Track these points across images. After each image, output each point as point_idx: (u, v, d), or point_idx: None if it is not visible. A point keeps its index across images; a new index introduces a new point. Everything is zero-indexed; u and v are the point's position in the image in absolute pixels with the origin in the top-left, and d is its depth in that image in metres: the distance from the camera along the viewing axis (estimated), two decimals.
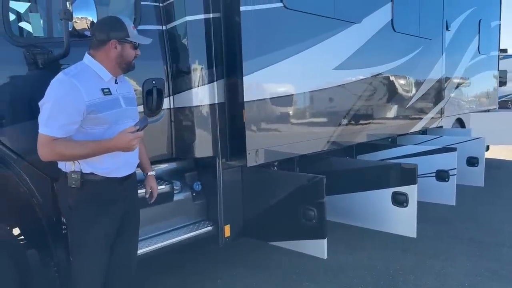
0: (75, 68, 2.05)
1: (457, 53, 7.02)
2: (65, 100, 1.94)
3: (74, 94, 1.94)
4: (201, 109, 3.08)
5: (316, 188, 3.01)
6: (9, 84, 2.35)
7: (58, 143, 1.95)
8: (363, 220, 3.71)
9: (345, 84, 3.96)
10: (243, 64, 2.95)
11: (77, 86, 1.95)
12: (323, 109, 3.86)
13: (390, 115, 4.85)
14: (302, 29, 3.46)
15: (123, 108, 2.13)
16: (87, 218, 2.08)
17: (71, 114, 1.95)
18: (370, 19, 4.22)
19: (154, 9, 3.00)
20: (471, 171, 5.21)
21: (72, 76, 1.98)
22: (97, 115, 2.01)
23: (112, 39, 2.06)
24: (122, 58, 2.10)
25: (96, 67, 2.08)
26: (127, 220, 2.27)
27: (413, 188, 3.41)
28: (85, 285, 2.16)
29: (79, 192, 2.05)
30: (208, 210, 3.30)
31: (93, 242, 2.10)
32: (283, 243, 3.28)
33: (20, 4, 2.63)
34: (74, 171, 2.03)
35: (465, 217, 4.94)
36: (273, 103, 3.30)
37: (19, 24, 2.78)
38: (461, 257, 3.85)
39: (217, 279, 3.47)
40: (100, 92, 2.04)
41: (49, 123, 1.94)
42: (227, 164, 3.22)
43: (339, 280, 3.44)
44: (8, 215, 2.54)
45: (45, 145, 1.96)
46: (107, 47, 2.07)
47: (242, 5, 2.93)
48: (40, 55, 2.39)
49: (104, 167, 2.06)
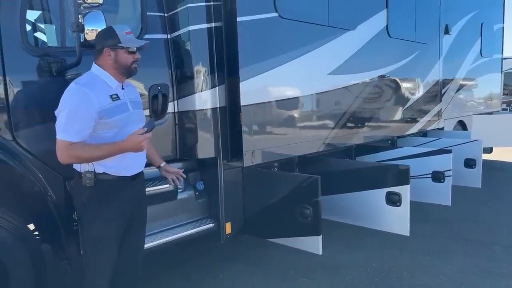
0: (85, 78, 2.25)
1: (458, 56, 7.13)
2: (79, 107, 2.13)
3: (87, 101, 2.13)
4: (204, 112, 3.27)
5: (312, 188, 3.17)
6: (26, 90, 2.57)
7: (75, 147, 2.15)
8: (359, 219, 3.87)
9: (339, 88, 4.15)
10: (240, 70, 3.17)
11: (89, 94, 2.14)
12: (317, 113, 4.04)
13: (385, 118, 5.01)
14: (296, 37, 3.67)
15: (131, 111, 2.31)
16: (100, 215, 2.25)
17: (85, 120, 2.14)
18: (365, 26, 4.39)
19: (159, 19, 3.19)
20: (469, 172, 5.33)
21: (83, 85, 2.17)
22: (107, 120, 2.19)
23: (105, 47, 2.24)
24: (118, 64, 2.26)
25: (103, 75, 2.26)
26: (135, 217, 2.43)
27: (405, 188, 3.55)
28: (96, 278, 2.32)
29: (92, 191, 2.23)
30: (210, 208, 3.48)
31: (105, 237, 2.27)
32: (281, 240, 3.45)
33: (36, 16, 2.82)
34: (88, 171, 2.21)
35: (463, 217, 5.05)
36: (269, 107, 3.50)
37: (34, 34, 2.99)
38: (456, 256, 3.98)
39: (218, 274, 3.65)
40: (109, 98, 2.22)
41: (66, 129, 2.13)
42: (228, 164, 3.40)
43: (335, 276, 3.59)
44: (24, 212, 2.75)
45: (64, 150, 2.15)
46: (104, 56, 2.25)
47: (239, 15, 3.13)
48: (54, 64, 2.60)
49: (115, 167, 2.24)
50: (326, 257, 3.87)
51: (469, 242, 4.30)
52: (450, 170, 4.48)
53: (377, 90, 4.75)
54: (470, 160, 5.34)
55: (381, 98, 4.84)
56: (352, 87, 4.35)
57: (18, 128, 2.52)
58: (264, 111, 3.46)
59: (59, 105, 2.18)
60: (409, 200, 3.57)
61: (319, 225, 3.17)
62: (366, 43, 4.40)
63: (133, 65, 2.31)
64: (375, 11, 4.57)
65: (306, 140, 3.87)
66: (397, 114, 5.17)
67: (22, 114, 2.54)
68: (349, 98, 4.34)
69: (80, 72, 2.52)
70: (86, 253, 2.36)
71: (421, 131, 5.83)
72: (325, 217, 3.99)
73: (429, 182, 4.58)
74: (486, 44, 7.68)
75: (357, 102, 4.45)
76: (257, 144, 3.39)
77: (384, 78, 4.84)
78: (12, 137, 2.50)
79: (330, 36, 3.97)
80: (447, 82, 6.83)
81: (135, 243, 2.52)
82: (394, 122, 5.17)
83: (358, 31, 4.29)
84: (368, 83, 4.56)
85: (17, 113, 2.51)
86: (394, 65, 4.92)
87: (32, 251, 2.57)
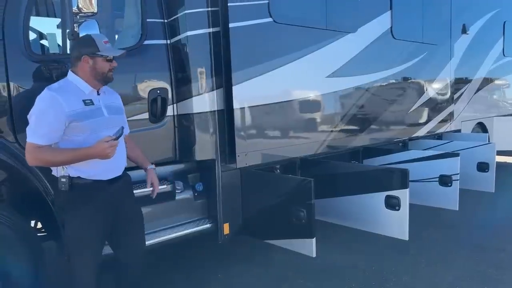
0: (58, 84, 2.33)
1: (477, 56, 6.94)
2: (47, 112, 2.21)
3: (55, 106, 2.21)
4: (202, 115, 3.35)
5: (305, 190, 3.19)
6: (28, 95, 2.71)
7: (42, 150, 2.22)
8: (359, 223, 3.85)
9: (336, 91, 4.14)
10: (232, 75, 3.25)
11: (58, 98, 2.21)
12: (315, 116, 4.06)
13: (391, 120, 4.96)
14: (292, 41, 3.70)
15: (105, 116, 2.37)
16: (77, 218, 2.31)
17: (52, 123, 2.21)
18: (366, 28, 4.37)
19: (159, 25, 3.29)
20: (482, 176, 5.18)
21: (54, 91, 2.25)
22: (78, 123, 2.26)
23: (83, 55, 2.31)
24: (96, 71, 2.33)
25: (76, 81, 2.34)
26: (127, 221, 2.51)
27: (404, 192, 3.51)
28: (80, 280, 2.38)
29: (68, 195, 2.29)
30: (209, 209, 3.55)
31: (83, 239, 2.33)
32: (277, 241, 3.49)
33: (38, 24, 2.98)
34: (63, 176, 2.27)
35: (471, 222, 4.94)
36: (261, 110, 3.56)
37: (36, 41, 3.15)
38: (459, 262, 3.90)
39: (218, 274, 3.73)
40: (81, 103, 2.29)
41: (34, 132, 2.22)
42: (226, 166, 3.47)
43: (332, 279, 3.60)
44: (27, 210, 2.91)
45: (31, 152, 2.24)
46: (81, 63, 2.33)
47: (231, 21, 3.20)
48: (55, 70, 2.75)
49: (89, 171, 2.30)
50: (326, 259, 3.89)
51: (475, 248, 4.20)
52: (457, 174, 4.38)
53: (382, 92, 4.71)
54: (483, 163, 5.19)
55: (385, 101, 4.80)
56: (351, 90, 4.34)
57: (22, 130, 2.67)
58: (257, 114, 3.53)
59: (31, 110, 2.27)
60: (408, 204, 3.53)
61: (312, 227, 3.19)
62: (368, 46, 4.38)
63: (109, 73, 2.39)
64: (377, 14, 4.53)
65: (299, 142, 3.90)
66: (403, 117, 5.10)
67: (24, 117, 2.69)
68: (349, 101, 4.33)
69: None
70: (68, 255, 2.40)
71: (431, 133, 5.72)
72: (325, 220, 4.04)
73: (436, 186, 4.50)
74: (510, 44, 7.44)
75: (359, 104, 4.44)
76: (250, 146, 3.46)
77: (390, 80, 4.79)
78: (15, 139, 2.66)
79: (328, 40, 3.98)
80: (464, 83, 6.66)
81: (132, 245, 2.59)
82: (401, 124, 5.11)
83: (359, 34, 4.27)
84: (370, 86, 4.53)
85: (19, 116, 2.66)
86: (400, 67, 4.86)
87: (31, 246, 2.70)
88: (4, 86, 2.62)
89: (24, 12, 2.68)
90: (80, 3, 2.48)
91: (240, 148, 3.37)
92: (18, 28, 2.66)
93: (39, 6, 2.90)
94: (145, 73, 3.26)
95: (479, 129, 7.33)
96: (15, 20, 2.65)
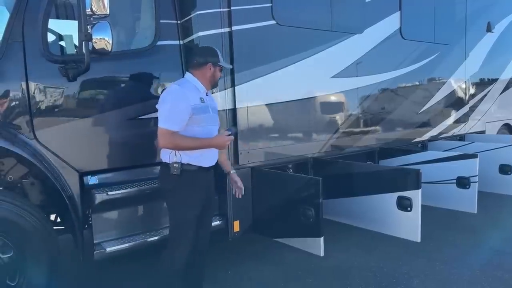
0: (182, 82, 2.76)
1: (504, 55, 6.74)
2: (179, 103, 2.60)
3: (184, 99, 2.62)
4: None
5: (313, 189, 3.21)
6: (46, 94, 2.85)
7: (175, 136, 2.60)
8: (371, 223, 3.82)
9: (341, 92, 4.15)
10: (235, 75, 3.39)
11: (186, 93, 2.64)
12: (316, 116, 4.08)
13: (403, 121, 4.92)
14: (295, 43, 3.78)
15: (210, 114, 2.78)
16: (183, 199, 2.69)
17: (183, 112, 2.60)
18: (374, 29, 4.35)
19: (172, 26, 3.39)
20: (504, 179, 5.03)
21: (182, 86, 2.68)
22: (197, 116, 2.65)
23: (209, 62, 2.76)
24: (213, 77, 2.83)
25: (195, 82, 2.77)
26: (207, 203, 2.88)
27: (416, 193, 3.46)
28: (175, 254, 2.73)
29: (179, 179, 2.65)
30: (220, 207, 3.62)
31: (187, 218, 2.70)
32: (286, 240, 3.51)
33: (56, 26, 3.11)
34: (176, 162, 2.64)
35: (491, 226, 4.79)
36: (263, 110, 3.67)
37: (53, 43, 3.28)
38: (475, 265, 3.80)
39: (228, 271, 3.78)
40: (199, 100, 2.70)
41: (168, 120, 2.59)
42: (236, 165, 3.52)
43: (342, 279, 3.58)
44: (46, 205, 3.05)
45: (165, 137, 2.60)
46: (205, 68, 2.77)
47: (234, 24, 3.33)
48: (71, 70, 2.88)
49: (197, 158, 2.69)
50: (337, 259, 3.88)
51: (493, 253, 4.08)
52: (476, 176, 4.27)
53: (389, 93, 4.68)
54: (506, 166, 5.04)
55: (395, 101, 4.77)
56: (358, 91, 4.33)
57: (39, 128, 2.82)
58: (259, 113, 3.64)
59: (161, 101, 2.67)
60: (420, 205, 3.48)
61: (320, 226, 3.20)
62: (375, 47, 4.38)
63: (218, 80, 2.90)
64: (385, 14, 4.53)
65: (301, 142, 3.96)
66: (415, 118, 5.05)
67: (42, 115, 2.83)
68: (354, 102, 4.34)
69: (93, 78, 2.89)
70: (171, 233, 2.80)
71: (452, 135, 5.60)
72: (337, 220, 4.03)
73: (454, 188, 4.40)
74: None
75: (364, 105, 4.44)
76: (252, 144, 3.57)
77: (397, 81, 4.74)
78: (33, 135, 2.80)
79: (333, 41, 4.04)
80: (488, 83, 6.48)
81: (208, 224, 3.04)
82: (417, 126, 5.05)
83: (365, 35, 4.29)
84: (377, 87, 4.52)
85: (38, 114, 2.81)
86: (409, 67, 4.80)
87: (47, 240, 2.82)
88: (24, 85, 2.77)
89: (43, 15, 2.81)
90: (93, 6, 2.59)
91: (242, 146, 3.52)
92: (37, 30, 2.80)
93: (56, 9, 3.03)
94: (158, 72, 3.36)
95: (506, 131, 7.11)
96: (34, 22, 2.79)
